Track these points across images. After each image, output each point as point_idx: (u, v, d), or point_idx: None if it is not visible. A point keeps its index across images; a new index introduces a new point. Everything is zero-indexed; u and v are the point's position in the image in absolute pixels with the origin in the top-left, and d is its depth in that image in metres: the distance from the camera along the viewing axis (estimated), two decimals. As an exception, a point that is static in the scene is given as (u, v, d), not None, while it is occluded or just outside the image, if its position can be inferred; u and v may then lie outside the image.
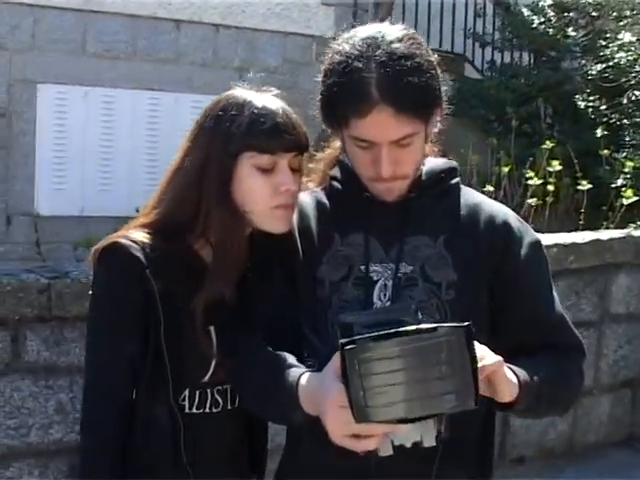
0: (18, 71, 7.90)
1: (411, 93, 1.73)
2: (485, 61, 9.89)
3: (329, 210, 1.96)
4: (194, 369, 1.93)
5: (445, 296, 1.85)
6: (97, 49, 8.13)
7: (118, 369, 1.88)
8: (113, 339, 1.89)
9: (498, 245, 1.89)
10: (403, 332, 1.53)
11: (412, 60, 1.74)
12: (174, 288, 1.88)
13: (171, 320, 1.88)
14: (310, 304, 1.88)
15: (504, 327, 1.89)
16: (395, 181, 1.83)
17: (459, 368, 1.54)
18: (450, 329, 1.55)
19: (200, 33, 8.56)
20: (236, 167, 1.90)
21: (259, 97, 1.94)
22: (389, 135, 1.76)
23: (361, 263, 1.87)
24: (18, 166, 7.85)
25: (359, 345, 1.53)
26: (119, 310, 1.88)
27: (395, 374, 1.53)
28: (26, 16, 7.90)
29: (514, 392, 1.71)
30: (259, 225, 1.93)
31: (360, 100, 1.74)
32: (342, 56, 1.78)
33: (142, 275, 1.86)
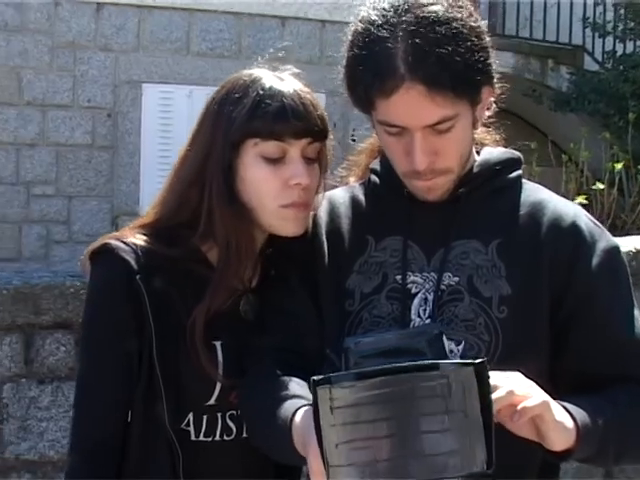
0: (123, 72, 7.93)
1: (447, 66, 1.43)
2: (605, 52, 9.43)
3: (365, 209, 1.67)
4: (195, 390, 1.65)
5: (496, 313, 1.54)
6: (201, 48, 8.10)
7: (103, 388, 1.65)
8: (100, 349, 1.66)
9: (564, 252, 1.56)
10: (392, 369, 1.23)
11: (448, 26, 1.45)
12: (171, 296, 1.64)
13: (166, 333, 1.63)
14: (336, 320, 1.60)
15: (568, 353, 1.56)
16: (436, 177, 1.54)
17: (467, 419, 1.22)
18: (456, 367, 1.24)
19: (306, 30, 8.43)
20: (239, 157, 1.65)
21: (269, 77, 1.69)
22: (421, 118, 1.47)
23: (397, 272, 1.59)
24: (123, 166, 7.89)
25: (334, 385, 1.23)
26: (105, 319, 1.65)
27: (379, 424, 1.22)
28: (131, 17, 7.93)
29: (568, 439, 1.39)
30: (267, 226, 1.68)
31: (384, 76, 1.45)
32: (365, 23, 1.48)
33: (132, 282, 1.62)
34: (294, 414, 1.44)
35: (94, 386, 1.67)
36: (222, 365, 1.66)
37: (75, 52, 7.84)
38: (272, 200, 1.64)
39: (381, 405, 1.22)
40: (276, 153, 1.63)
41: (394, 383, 1.22)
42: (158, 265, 1.64)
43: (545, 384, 1.46)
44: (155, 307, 1.62)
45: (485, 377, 1.25)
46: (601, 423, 1.45)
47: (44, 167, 7.85)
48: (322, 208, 1.69)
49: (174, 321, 1.64)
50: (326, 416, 1.24)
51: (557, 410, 1.38)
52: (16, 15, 7.71)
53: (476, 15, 1.52)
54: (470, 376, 1.23)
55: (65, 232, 7.90)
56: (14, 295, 3.06)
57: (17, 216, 7.80)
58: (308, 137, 1.64)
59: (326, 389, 1.24)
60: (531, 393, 1.35)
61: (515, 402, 1.33)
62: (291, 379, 1.55)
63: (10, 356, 3.09)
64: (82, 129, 7.90)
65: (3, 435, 3.10)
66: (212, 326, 1.65)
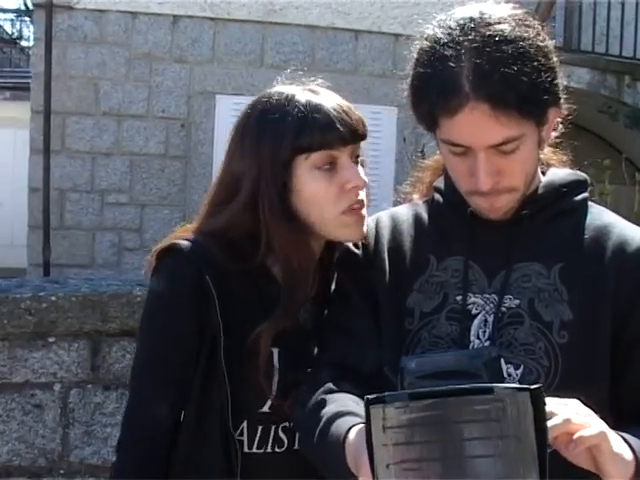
0: (197, 83, 8.03)
1: (512, 86, 1.41)
2: (684, 69, 9.25)
3: (427, 228, 1.65)
4: (251, 396, 1.66)
5: (557, 338, 1.51)
6: (275, 60, 8.15)
7: (160, 391, 1.65)
8: (156, 347, 1.68)
9: (629, 278, 1.52)
10: (447, 391, 1.21)
11: (514, 45, 1.42)
12: (238, 301, 1.66)
13: (232, 334, 1.64)
14: (394, 338, 1.58)
15: (630, 381, 1.52)
16: (499, 195, 1.52)
17: (520, 445, 1.19)
18: (512, 392, 1.20)
19: (379, 43, 8.43)
20: (292, 175, 1.68)
21: (301, 92, 1.71)
22: (486, 139, 1.45)
23: (458, 293, 1.57)
24: (196, 176, 7.98)
25: (388, 404, 1.21)
26: (167, 313, 1.65)
27: (431, 446, 1.20)
28: (207, 29, 8.03)
29: (626, 471, 1.34)
30: (329, 235, 1.69)
31: (448, 95, 1.43)
32: (431, 42, 1.47)
33: (201, 280, 1.63)
34: (348, 431, 1.43)
35: (147, 381, 1.69)
36: (278, 372, 1.67)
37: (151, 63, 7.96)
38: (332, 208, 1.67)
39: (434, 427, 1.21)
40: (327, 161, 1.67)
41: (448, 405, 1.21)
42: (225, 271, 1.65)
43: (604, 413, 1.42)
44: (223, 307, 1.63)
45: (541, 403, 1.22)
46: None
47: (118, 176, 7.98)
48: (385, 225, 1.68)
49: (240, 325, 1.65)
50: (378, 435, 1.23)
51: (615, 441, 1.34)
52: (95, 28, 7.87)
53: (544, 34, 1.50)
54: (526, 401, 1.21)
55: (137, 240, 8.01)
56: (82, 302, 3.11)
57: (91, 223, 7.94)
58: (355, 141, 1.69)
59: (379, 408, 1.23)
60: (589, 422, 1.32)
61: (572, 430, 1.30)
62: (347, 395, 1.55)
63: (77, 362, 3.14)
64: (156, 139, 8.02)
65: (68, 439, 3.15)
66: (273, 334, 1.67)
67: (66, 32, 7.82)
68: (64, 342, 3.13)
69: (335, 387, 1.58)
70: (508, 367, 1.50)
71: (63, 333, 3.12)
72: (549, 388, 1.47)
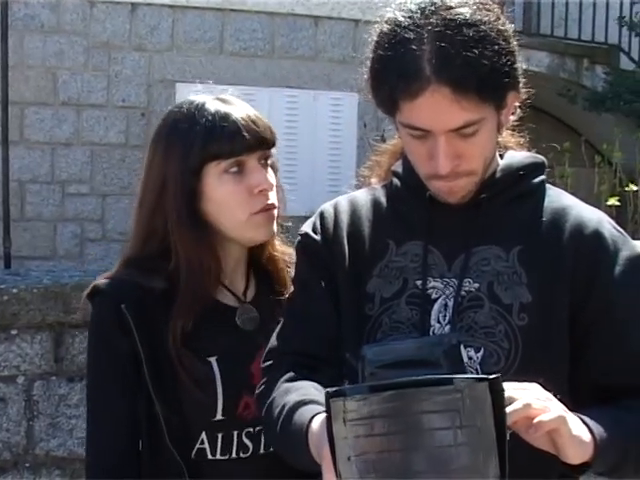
0: (157, 71, 7.98)
1: (474, 70, 1.41)
2: (641, 51, 9.34)
3: (386, 212, 1.64)
4: (197, 408, 1.71)
5: (516, 321, 1.51)
6: (235, 47, 8.12)
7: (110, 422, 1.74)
8: (105, 390, 1.76)
9: (586, 259, 1.53)
10: (406, 383, 1.21)
11: (476, 28, 1.42)
12: (159, 324, 1.71)
13: (158, 357, 1.70)
14: (355, 324, 1.57)
15: (588, 363, 1.53)
16: (458, 179, 1.52)
17: (480, 434, 1.20)
18: (470, 382, 1.21)
19: (339, 29, 8.42)
20: (202, 180, 1.74)
21: (212, 101, 1.76)
22: (446, 122, 1.44)
23: (418, 277, 1.56)
24: (157, 166, 7.94)
25: (348, 397, 1.21)
26: (105, 357, 1.74)
27: (391, 438, 1.20)
28: (165, 17, 7.98)
29: (585, 453, 1.37)
30: (241, 237, 1.78)
31: (409, 78, 1.43)
32: (391, 25, 1.46)
33: (120, 314, 1.70)
34: (311, 420, 1.43)
35: (101, 421, 1.76)
36: (220, 379, 1.72)
37: (110, 52, 7.90)
38: (242, 210, 1.75)
39: (394, 419, 1.21)
40: (236, 166, 1.74)
41: (407, 397, 1.21)
42: (142, 296, 1.71)
43: (564, 393, 1.44)
44: (144, 335, 1.70)
45: (500, 392, 1.23)
46: (620, 437, 1.42)
47: (79, 166, 7.92)
48: (343, 209, 1.67)
49: (163, 346, 1.70)
50: (339, 429, 1.23)
51: (574, 424, 1.36)
52: (52, 16, 7.79)
53: (504, 18, 1.50)
54: (484, 391, 1.22)
55: (99, 230, 7.97)
56: (44, 294, 3.09)
57: (52, 215, 7.88)
58: (261, 148, 1.75)
59: (340, 402, 1.23)
60: (548, 406, 1.33)
61: (532, 415, 1.31)
62: (309, 383, 1.55)
63: (40, 354, 3.12)
64: (116, 128, 7.97)
65: (33, 432, 3.13)
66: (206, 343, 1.73)
67: (22, 21, 7.72)
68: (26, 334, 3.11)
69: (297, 375, 1.58)
70: (469, 350, 1.51)
71: (25, 325, 3.10)
72: (509, 370, 1.48)
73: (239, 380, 1.73)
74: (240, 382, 1.73)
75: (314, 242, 1.66)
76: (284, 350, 1.64)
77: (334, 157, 8.41)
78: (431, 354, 1.32)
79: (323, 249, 1.65)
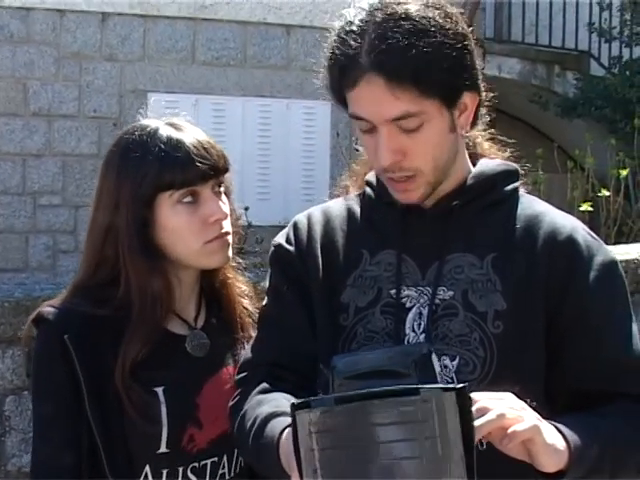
0: (129, 81, 7.95)
1: (407, 60, 1.44)
2: (611, 57, 9.40)
3: (359, 222, 1.64)
4: (140, 439, 1.68)
5: (491, 329, 1.51)
6: (207, 57, 8.11)
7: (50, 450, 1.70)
8: (46, 418, 1.73)
9: (560, 266, 1.53)
10: (372, 394, 1.21)
11: (414, 22, 1.46)
12: (103, 354, 1.69)
13: (101, 389, 1.67)
14: (330, 334, 1.57)
15: (563, 369, 1.53)
16: (407, 181, 1.52)
17: (448, 444, 1.19)
18: (436, 392, 1.21)
19: (311, 38, 8.41)
20: (154, 210, 1.72)
21: (164, 128, 1.74)
22: (382, 112, 1.47)
23: (392, 286, 1.56)
24: (130, 176, 7.90)
25: (313, 409, 1.22)
26: (46, 386, 1.71)
27: (358, 450, 1.20)
28: (136, 27, 7.95)
29: (560, 461, 1.37)
30: (196, 264, 1.76)
31: (348, 68, 1.48)
32: (343, 22, 1.52)
33: (63, 343, 1.67)
34: (282, 432, 1.42)
35: (41, 448, 1.73)
36: (165, 410, 1.69)
37: (81, 62, 7.86)
38: (196, 240, 1.73)
39: (360, 431, 1.20)
40: (189, 196, 1.72)
41: (373, 408, 1.21)
42: (87, 325, 1.69)
43: (540, 400, 1.45)
44: (87, 366, 1.67)
45: (467, 402, 1.23)
46: (595, 443, 1.43)
47: (50, 177, 7.86)
48: (317, 220, 1.66)
49: (108, 376, 1.67)
50: (305, 440, 1.23)
51: (548, 432, 1.36)
52: (22, 26, 7.73)
53: (456, 18, 1.52)
54: (451, 401, 1.21)
55: (72, 242, 7.90)
56: (16, 307, 3.06)
57: (24, 226, 7.81)
58: (215, 177, 1.74)
59: (305, 414, 1.23)
60: (522, 416, 1.33)
61: (506, 425, 1.31)
62: (281, 395, 1.54)
63: (12, 369, 3.08)
64: (88, 139, 7.92)
65: (5, 448, 3.09)
66: (153, 373, 1.70)
67: (-8, 31, 7.68)
68: (-2, 349, 3.07)
69: (270, 386, 1.57)
70: (444, 359, 1.50)
71: (-4, 340, 3.07)
72: (485, 378, 1.48)
73: (185, 411, 1.71)
74: (185, 414, 1.71)
75: (287, 253, 1.65)
76: (258, 361, 1.63)
77: (307, 166, 8.40)
78: (401, 364, 1.32)
79: (297, 260, 1.64)
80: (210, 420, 1.73)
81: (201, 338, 1.77)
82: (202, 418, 1.72)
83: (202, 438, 1.72)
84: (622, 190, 5.70)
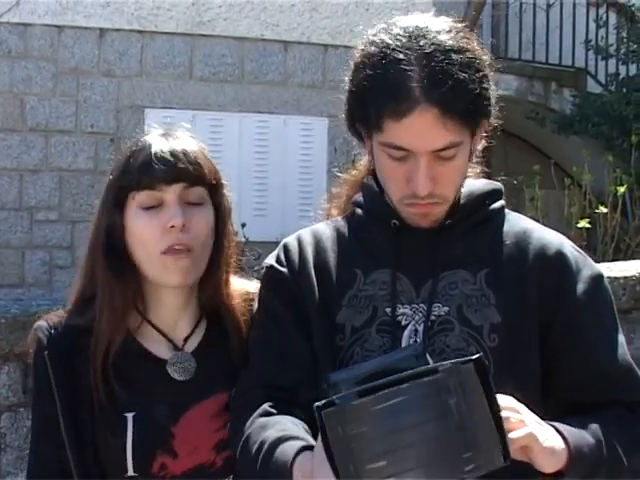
0: (126, 97, 7.95)
1: (462, 93, 1.47)
2: (608, 74, 9.43)
3: (351, 243, 1.66)
4: (109, 461, 1.67)
5: (487, 342, 1.55)
6: (204, 73, 8.12)
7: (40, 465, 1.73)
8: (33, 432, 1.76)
9: (550, 280, 1.58)
10: (393, 381, 1.23)
11: (463, 55, 1.48)
12: (79, 370, 1.68)
13: (76, 405, 1.67)
14: (328, 355, 1.58)
15: (557, 380, 1.59)
16: (433, 205, 1.54)
17: (474, 415, 1.22)
18: (455, 366, 1.24)
19: (308, 54, 8.44)
20: (124, 214, 1.70)
21: (151, 136, 1.71)
22: (431, 143, 1.48)
23: (387, 305, 1.58)
24: (127, 191, 7.89)
25: (338, 406, 1.22)
26: (35, 399, 1.73)
27: (392, 436, 1.21)
28: (134, 42, 7.96)
29: (558, 462, 1.43)
30: (152, 277, 1.70)
31: (399, 97, 1.46)
32: (378, 47, 1.50)
33: (43, 358, 1.68)
34: (295, 456, 1.42)
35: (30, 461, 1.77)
36: (131, 436, 1.66)
37: (78, 78, 7.86)
38: (153, 247, 1.67)
39: (391, 418, 1.22)
40: (153, 201, 1.66)
41: (398, 394, 1.23)
42: (68, 338, 1.69)
43: (536, 409, 1.47)
44: (61, 382, 1.67)
45: (486, 370, 1.25)
46: (593, 444, 1.48)
47: (47, 192, 7.85)
48: (308, 242, 1.67)
49: (83, 394, 1.67)
50: (337, 438, 1.23)
51: (547, 435, 1.41)
52: (19, 42, 7.74)
53: (482, 47, 1.55)
54: (471, 373, 1.24)
55: (68, 257, 7.89)
56: (12, 324, 3.04)
57: (20, 242, 7.80)
58: (180, 182, 1.66)
59: (332, 411, 1.23)
60: (523, 421, 1.38)
61: (509, 428, 1.35)
62: (285, 417, 1.54)
63: (8, 385, 3.07)
64: (85, 154, 7.91)
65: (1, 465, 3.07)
66: (128, 396, 1.67)
67: (-11, 47, 7.68)
68: (-6, 365, 3.06)
69: (270, 409, 1.57)
70: None
71: (-7, 356, 3.05)
72: None
73: (153, 440, 1.67)
74: (155, 442, 1.67)
75: (280, 274, 1.65)
76: (254, 384, 1.62)
77: (305, 182, 8.40)
78: (400, 361, 1.34)
79: (290, 281, 1.64)
80: (188, 450, 1.68)
81: (186, 361, 1.71)
82: (177, 447, 1.68)
83: (176, 467, 1.68)
84: (619, 207, 5.71)
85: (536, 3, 9.62)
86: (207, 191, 1.70)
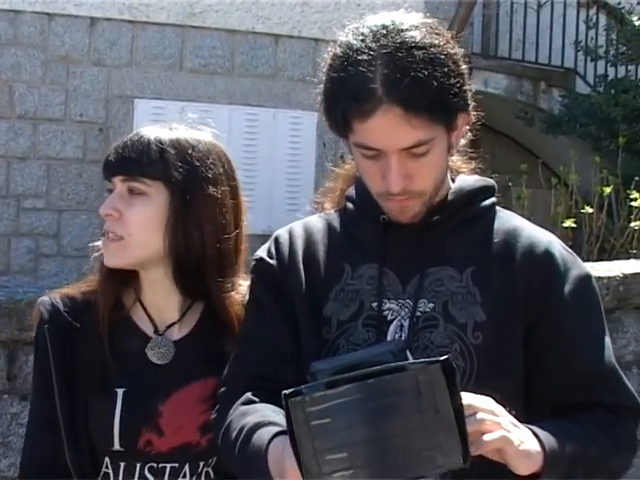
0: (116, 86, 7.94)
1: (424, 90, 1.45)
2: (597, 75, 9.48)
3: (341, 237, 1.66)
4: (97, 434, 1.73)
5: (471, 340, 1.55)
6: (194, 64, 8.11)
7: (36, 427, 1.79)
8: (33, 400, 1.83)
9: (537, 279, 1.58)
10: (361, 375, 1.25)
11: (425, 50, 1.47)
12: (77, 343, 1.74)
13: (71, 378, 1.73)
14: (313, 347, 1.59)
15: (540, 379, 1.58)
16: (409, 200, 1.55)
17: (439, 416, 1.24)
18: (422, 366, 1.26)
19: (299, 48, 8.45)
20: None
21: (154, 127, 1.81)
22: (398, 141, 1.48)
23: (373, 299, 1.59)
24: (114, 181, 7.88)
25: (306, 395, 1.25)
26: (35, 369, 1.81)
27: (354, 430, 1.23)
28: (125, 32, 7.95)
29: (534, 464, 1.43)
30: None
31: (361, 98, 1.47)
32: (344, 48, 1.50)
33: (43, 332, 1.75)
34: (270, 441, 1.44)
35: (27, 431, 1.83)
36: (119, 412, 1.71)
37: (68, 66, 7.85)
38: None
39: (354, 411, 1.24)
40: (111, 187, 1.75)
41: (364, 388, 1.24)
42: (70, 312, 1.74)
43: (519, 409, 1.49)
44: (59, 355, 1.73)
45: (452, 372, 1.27)
46: (570, 446, 1.48)
47: (35, 180, 7.84)
48: (298, 235, 1.68)
49: (80, 368, 1.73)
50: (301, 427, 1.25)
51: (522, 438, 1.41)
52: (9, 29, 7.72)
53: (453, 43, 1.55)
54: (437, 373, 1.26)
55: (54, 246, 7.88)
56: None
57: (6, 229, 7.78)
58: (120, 175, 1.72)
59: (298, 401, 1.25)
60: (499, 423, 1.38)
61: (484, 430, 1.36)
62: (266, 405, 1.55)
63: (-9, 372, 3.07)
64: (73, 143, 7.90)
65: (-16, 451, 3.08)
66: (117, 372, 1.72)
67: (-21, 33, 7.66)
68: (-21, 351, 3.05)
69: (253, 398, 1.59)
70: None
71: (-23, 342, 3.05)
72: (465, 388, 1.48)
73: (140, 417, 1.71)
74: (141, 419, 1.71)
75: (269, 266, 1.66)
76: (240, 374, 1.64)
77: (293, 175, 8.42)
78: (379, 356, 1.35)
79: (279, 273, 1.65)
80: (173, 429, 1.72)
81: (164, 346, 1.75)
82: (163, 425, 1.72)
83: (162, 444, 1.72)
84: (605, 207, 5.74)
85: (527, 3, 9.66)
86: (161, 182, 1.72)
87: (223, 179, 1.76)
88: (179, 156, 1.72)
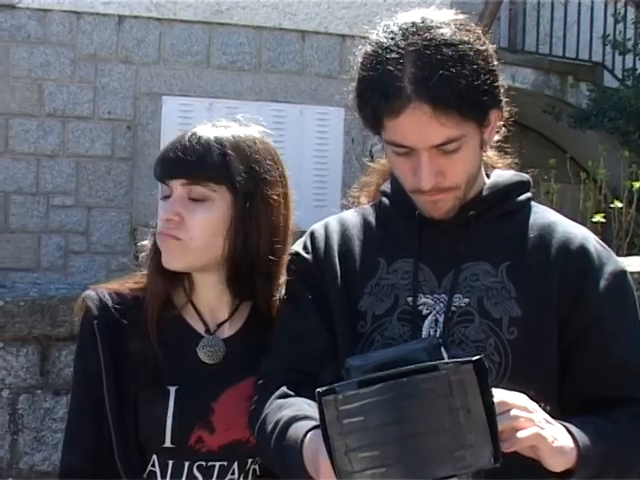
0: (143, 84, 7.99)
1: (452, 87, 1.46)
2: (625, 69, 9.40)
3: (376, 231, 1.67)
4: (148, 431, 1.72)
5: (506, 335, 1.55)
6: (222, 61, 8.14)
7: (80, 425, 1.77)
8: (75, 398, 1.80)
9: (572, 274, 1.58)
10: (393, 374, 1.25)
11: (454, 48, 1.47)
12: (127, 339, 1.73)
13: (121, 375, 1.72)
14: (348, 342, 1.60)
15: (575, 375, 1.58)
16: (441, 194, 1.56)
17: (470, 416, 1.25)
18: (454, 366, 1.26)
19: (326, 44, 8.45)
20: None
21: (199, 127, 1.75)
22: (427, 139, 1.49)
23: (408, 294, 1.60)
24: (142, 178, 7.93)
25: (339, 394, 1.25)
26: (79, 366, 1.78)
27: (386, 428, 1.24)
28: (152, 30, 7.99)
29: (567, 461, 1.42)
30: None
31: (391, 97, 1.48)
32: (374, 46, 1.51)
33: (92, 327, 1.72)
34: (305, 435, 1.45)
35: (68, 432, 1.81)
36: (172, 410, 1.70)
37: (96, 64, 7.90)
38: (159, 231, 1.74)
39: (386, 410, 1.25)
40: (166, 192, 1.72)
41: (396, 387, 1.25)
42: (118, 308, 1.73)
43: (553, 405, 1.49)
44: (109, 351, 1.71)
45: (484, 373, 1.27)
46: (603, 444, 1.47)
47: (64, 178, 7.90)
48: (334, 229, 1.69)
49: (129, 364, 1.71)
50: (333, 425, 1.26)
51: (556, 434, 1.41)
52: (39, 28, 7.78)
53: (484, 39, 1.54)
54: (469, 373, 1.26)
55: (84, 243, 7.94)
56: (31, 307, 3.08)
57: (36, 226, 7.85)
58: (180, 179, 1.69)
59: (331, 399, 1.26)
60: (533, 420, 1.38)
61: (518, 427, 1.36)
62: (302, 399, 1.56)
63: (26, 367, 3.10)
64: (102, 140, 7.96)
65: (18, 446, 3.11)
66: (170, 369, 1.71)
67: (8, 31, 7.72)
68: (12, 347, 3.09)
69: (289, 392, 1.60)
70: None
71: (11, 338, 3.08)
72: (500, 383, 1.51)
73: (193, 414, 1.71)
74: (194, 416, 1.71)
75: (305, 261, 1.68)
76: (276, 367, 1.65)
77: (320, 172, 8.42)
78: (412, 353, 1.36)
79: (314, 268, 1.67)
80: (224, 426, 1.72)
81: (216, 345, 1.75)
82: (215, 423, 1.72)
83: (213, 442, 1.72)
84: (635, 202, 5.71)
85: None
86: (225, 187, 1.69)
87: (279, 181, 1.74)
88: (240, 158, 1.70)
